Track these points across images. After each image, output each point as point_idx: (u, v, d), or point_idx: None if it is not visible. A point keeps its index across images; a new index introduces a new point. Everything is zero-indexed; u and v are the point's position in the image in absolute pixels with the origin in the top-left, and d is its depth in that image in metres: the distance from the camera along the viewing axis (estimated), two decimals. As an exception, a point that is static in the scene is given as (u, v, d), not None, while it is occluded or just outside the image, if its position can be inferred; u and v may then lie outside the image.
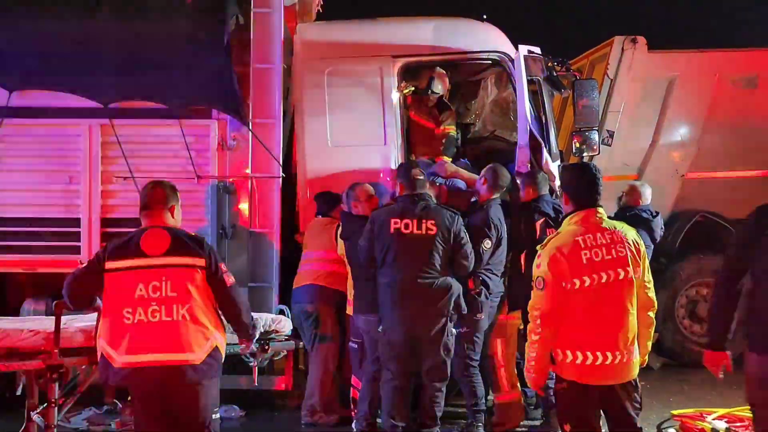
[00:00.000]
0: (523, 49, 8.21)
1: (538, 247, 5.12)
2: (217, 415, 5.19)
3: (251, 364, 6.74)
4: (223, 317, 5.28)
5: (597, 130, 8.50)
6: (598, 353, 4.98)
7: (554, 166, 8.15)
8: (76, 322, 5.75)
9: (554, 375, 5.24)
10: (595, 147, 8.37)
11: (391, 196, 7.68)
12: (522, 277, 7.24)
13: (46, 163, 8.17)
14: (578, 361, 4.98)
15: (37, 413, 5.63)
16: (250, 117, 8.11)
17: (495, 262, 7.44)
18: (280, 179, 8.09)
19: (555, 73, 8.51)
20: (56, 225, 8.15)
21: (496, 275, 7.45)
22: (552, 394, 6.67)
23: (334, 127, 8.37)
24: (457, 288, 7.04)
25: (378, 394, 7.19)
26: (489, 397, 7.78)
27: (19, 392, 6.01)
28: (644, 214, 7.96)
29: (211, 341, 5.10)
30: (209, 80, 8.03)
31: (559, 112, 10.40)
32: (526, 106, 8.11)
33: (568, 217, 5.13)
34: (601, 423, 5.17)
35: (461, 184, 8.21)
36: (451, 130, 8.71)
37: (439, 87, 8.71)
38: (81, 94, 8.02)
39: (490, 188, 7.59)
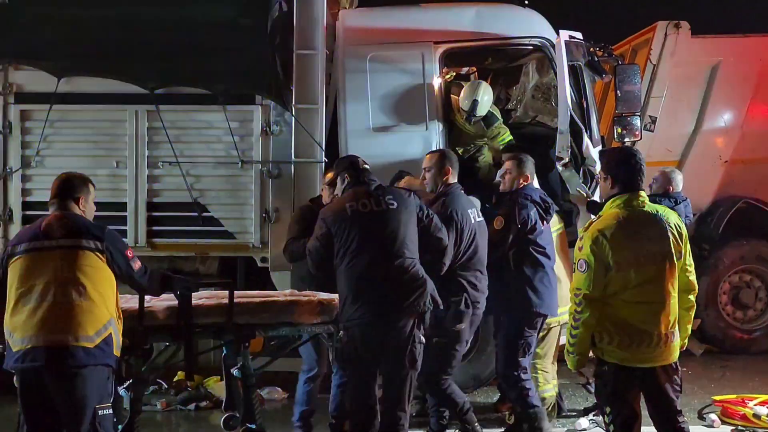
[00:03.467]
0: (564, 34, 8.21)
1: (580, 230, 5.15)
2: (107, 411, 5.11)
3: (329, 345, 6.42)
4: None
5: (639, 116, 8.49)
6: (640, 336, 5.01)
7: (595, 152, 8.14)
8: (160, 301, 5.78)
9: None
10: (636, 133, 8.36)
11: None
12: (510, 274, 6.84)
13: (94, 147, 8.34)
14: (620, 344, 5.01)
15: (123, 388, 5.74)
16: (293, 102, 8.19)
17: (475, 261, 6.61)
18: (323, 164, 8.16)
19: (596, 59, 8.50)
20: (103, 209, 8.22)
21: (482, 273, 6.64)
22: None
23: (376, 113, 8.44)
24: (431, 282, 6.01)
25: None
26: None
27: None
28: (665, 201, 7.89)
29: (106, 326, 5.08)
30: (253, 66, 8.13)
31: (601, 97, 10.36)
32: (566, 92, 8.08)
33: (611, 200, 5.14)
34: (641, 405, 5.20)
35: None
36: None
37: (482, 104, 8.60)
38: (127, 80, 8.16)
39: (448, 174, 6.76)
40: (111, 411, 5.16)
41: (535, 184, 7.22)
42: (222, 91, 8.15)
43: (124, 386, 5.72)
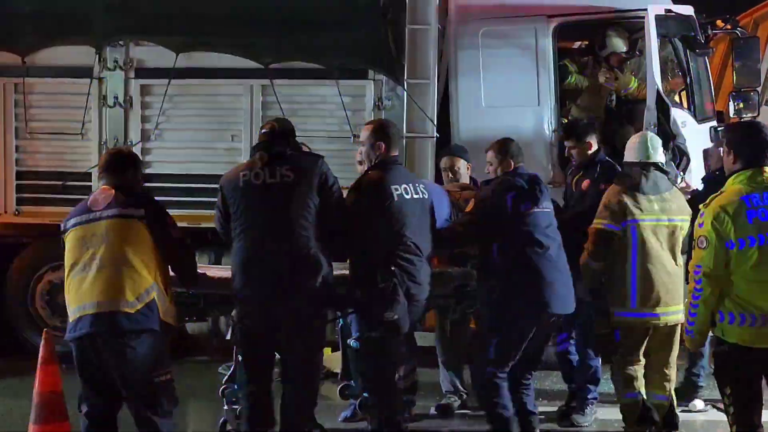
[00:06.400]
0: (657, 8, 8.18)
1: (701, 206, 5.05)
2: (165, 377, 5.17)
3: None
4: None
5: (758, 91, 8.29)
6: (761, 316, 4.89)
7: (690, 129, 8.08)
8: None
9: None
10: (754, 108, 8.15)
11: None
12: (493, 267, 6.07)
13: (210, 121, 8.55)
14: (741, 323, 4.90)
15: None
16: (405, 77, 8.21)
17: (408, 245, 5.75)
18: (434, 139, 8.17)
19: (707, 33, 8.37)
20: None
21: (418, 257, 5.75)
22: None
23: (488, 88, 8.47)
24: (327, 265, 5.57)
25: None
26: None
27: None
28: None
29: (148, 291, 5.15)
30: (365, 41, 8.19)
31: (719, 71, 10.11)
32: (655, 67, 8.10)
33: (734, 176, 5.02)
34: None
35: None
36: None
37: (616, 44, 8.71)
38: (242, 55, 8.31)
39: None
40: (170, 377, 5.22)
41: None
42: (335, 66, 8.24)
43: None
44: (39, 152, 8.74)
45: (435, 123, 8.21)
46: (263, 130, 5.79)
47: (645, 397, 6.28)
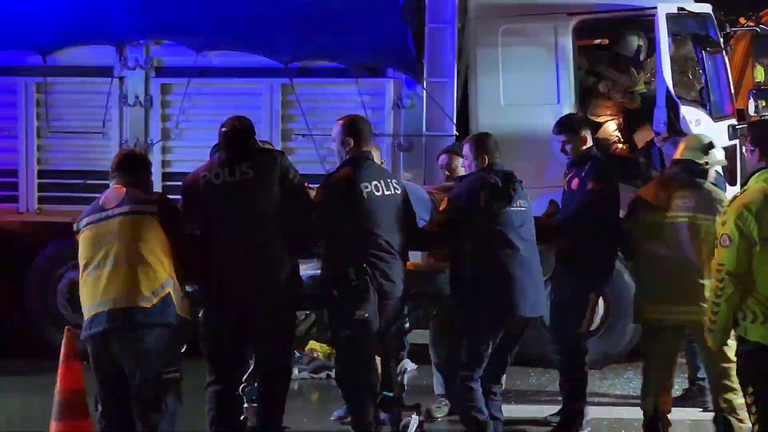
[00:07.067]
0: (669, 6, 8.16)
1: (724, 204, 5.02)
2: (173, 375, 5.15)
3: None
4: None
5: (778, 89, 8.28)
6: (786, 314, 4.86)
7: (705, 127, 8.02)
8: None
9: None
10: (775, 106, 8.14)
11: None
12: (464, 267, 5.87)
13: (230, 121, 8.55)
14: (765, 322, 4.86)
15: None
16: (425, 76, 8.21)
17: (380, 242, 5.62)
18: (454, 137, 8.16)
19: (725, 30, 8.36)
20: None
21: (390, 255, 5.61)
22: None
23: (508, 86, 8.45)
24: (294, 259, 5.58)
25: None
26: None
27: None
28: None
29: (163, 286, 5.14)
30: (385, 40, 8.22)
31: (740, 68, 10.03)
32: (664, 66, 8.10)
33: (758, 174, 4.97)
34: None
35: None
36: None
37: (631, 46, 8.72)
38: (262, 54, 8.35)
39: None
40: (178, 375, 5.19)
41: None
42: (354, 65, 8.25)
43: None
44: (60, 151, 8.79)
45: (454, 121, 8.20)
46: (223, 129, 5.68)
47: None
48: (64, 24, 8.47)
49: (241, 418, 5.75)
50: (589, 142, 6.61)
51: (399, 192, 5.75)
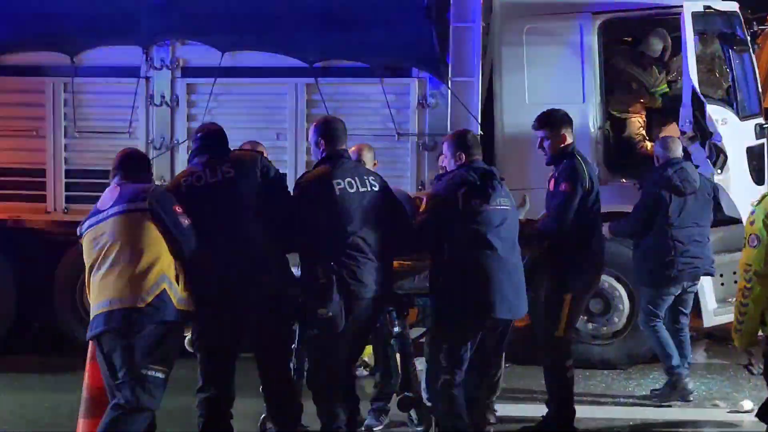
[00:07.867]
0: (694, 4, 8.12)
1: (751, 204, 5.00)
2: (157, 375, 5.10)
3: None
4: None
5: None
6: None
7: (732, 126, 8.04)
8: None
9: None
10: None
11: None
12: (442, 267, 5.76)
13: (255, 120, 8.55)
14: (792, 322, 4.85)
15: None
16: (449, 75, 8.20)
17: (351, 241, 5.51)
18: (479, 137, 8.14)
19: (753, 29, 8.32)
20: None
21: (363, 254, 5.50)
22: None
23: (532, 85, 8.47)
24: (280, 256, 5.59)
25: None
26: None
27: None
28: None
29: (158, 283, 5.12)
30: (410, 39, 8.21)
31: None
32: (690, 64, 8.07)
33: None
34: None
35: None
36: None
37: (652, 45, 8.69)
38: (287, 54, 8.37)
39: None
40: (162, 376, 5.13)
41: None
42: (379, 64, 8.26)
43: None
44: (87, 151, 8.82)
45: (479, 120, 8.19)
46: (198, 134, 5.79)
47: None
48: (91, 25, 8.51)
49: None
50: (568, 140, 6.45)
51: (377, 189, 5.63)
